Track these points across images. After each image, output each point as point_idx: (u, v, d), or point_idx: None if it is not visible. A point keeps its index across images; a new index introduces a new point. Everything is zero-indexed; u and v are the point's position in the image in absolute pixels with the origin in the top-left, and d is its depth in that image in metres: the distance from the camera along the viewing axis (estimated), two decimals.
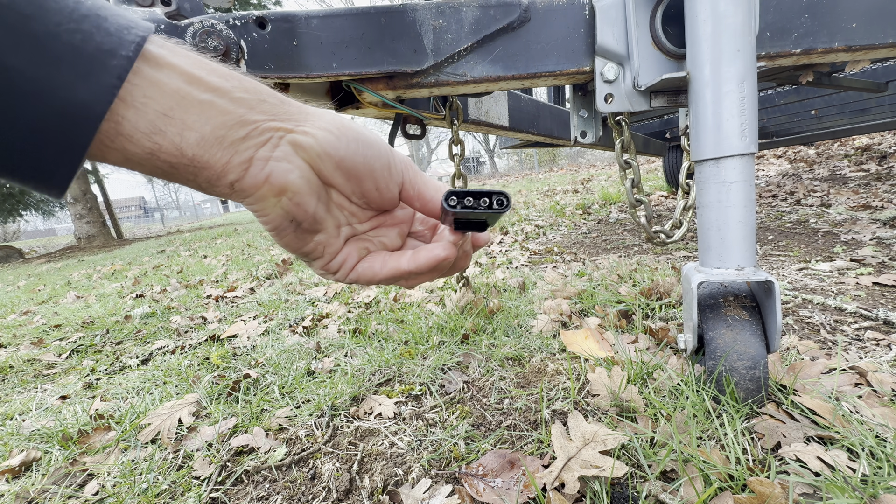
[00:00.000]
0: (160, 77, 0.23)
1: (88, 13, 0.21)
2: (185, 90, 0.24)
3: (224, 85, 0.25)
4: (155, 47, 0.23)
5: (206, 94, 0.24)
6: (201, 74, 0.24)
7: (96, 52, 0.21)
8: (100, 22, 0.21)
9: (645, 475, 0.50)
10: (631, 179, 0.82)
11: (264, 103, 0.26)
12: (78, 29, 0.21)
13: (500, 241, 2.32)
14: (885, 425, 0.52)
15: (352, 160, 0.28)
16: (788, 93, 2.14)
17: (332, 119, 0.28)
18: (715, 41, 0.54)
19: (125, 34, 0.22)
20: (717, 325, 0.60)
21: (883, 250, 1.24)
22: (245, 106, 0.26)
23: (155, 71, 0.23)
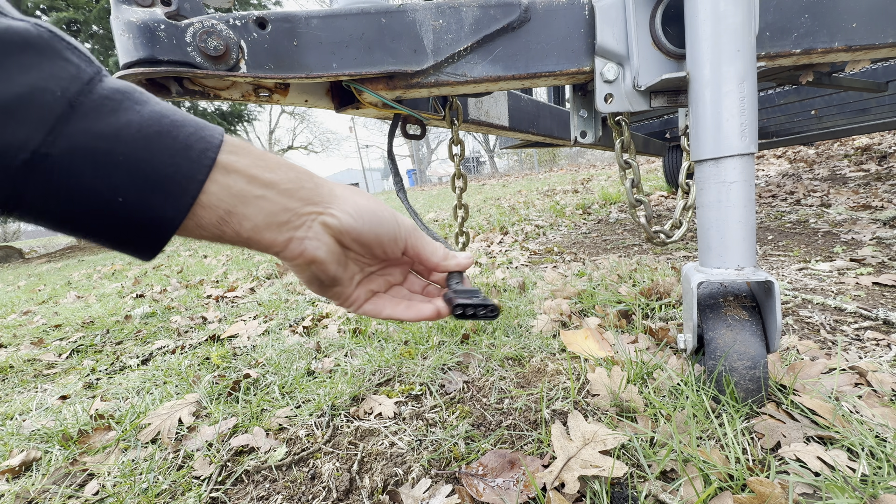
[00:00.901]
0: (229, 182, 0.30)
1: (179, 147, 0.28)
2: (246, 190, 0.31)
3: (274, 178, 0.32)
4: (226, 156, 0.30)
5: (260, 191, 0.31)
6: (258, 173, 0.31)
7: (182, 179, 0.28)
8: (187, 152, 0.28)
9: (645, 475, 0.50)
10: (631, 179, 0.82)
11: (302, 189, 0.34)
12: (172, 163, 0.28)
13: (500, 241, 2.32)
14: (884, 425, 0.52)
15: (366, 235, 0.36)
16: (788, 93, 2.14)
17: (353, 202, 0.36)
18: (715, 41, 0.54)
19: (203, 159, 0.29)
20: (716, 325, 0.60)
21: (883, 250, 1.24)
22: (288, 195, 0.33)
23: (224, 177, 0.30)
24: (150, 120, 0.28)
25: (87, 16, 7.00)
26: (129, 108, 0.27)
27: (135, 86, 0.29)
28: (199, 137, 0.29)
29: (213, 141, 0.30)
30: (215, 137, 0.30)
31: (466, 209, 0.94)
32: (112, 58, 7.02)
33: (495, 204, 4.44)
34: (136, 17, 0.51)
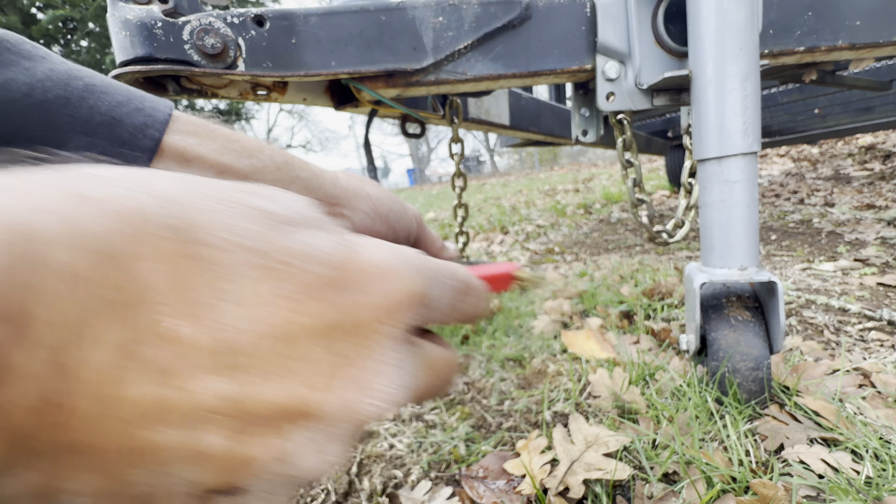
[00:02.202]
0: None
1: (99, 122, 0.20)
2: None
3: (256, 166, 0.23)
4: (178, 137, 0.21)
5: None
6: (230, 161, 0.23)
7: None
8: (113, 129, 0.20)
9: (647, 477, 0.50)
10: (633, 178, 0.81)
11: (298, 181, 0.25)
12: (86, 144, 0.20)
13: (500, 241, 2.32)
14: (889, 427, 0.52)
15: (383, 237, 0.28)
16: (792, 91, 2.13)
17: (366, 196, 0.27)
18: (718, 39, 0.54)
19: (139, 138, 0.20)
20: (719, 326, 0.59)
21: (887, 250, 1.23)
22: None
23: (181, 167, 0.21)
24: (48, 81, 0.19)
25: (83, 13, 7.02)
26: (12, 63, 0.19)
27: (26, 39, 0.21)
28: (132, 109, 0.21)
29: (154, 115, 0.21)
30: (159, 111, 0.22)
31: (466, 209, 0.93)
32: (108, 56, 7.03)
33: (496, 203, 4.43)
34: (132, 15, 0.50)
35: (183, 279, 0.12)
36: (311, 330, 0.14)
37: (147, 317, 0.12)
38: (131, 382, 0.12)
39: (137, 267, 0.12)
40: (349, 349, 0.15)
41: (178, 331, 0.12)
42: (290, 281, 0.14)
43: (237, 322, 0.13)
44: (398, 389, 0.16)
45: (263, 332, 0.13)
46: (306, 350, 0.14)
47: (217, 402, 0.13)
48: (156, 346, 0.12)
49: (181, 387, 0.12)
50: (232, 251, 0.13)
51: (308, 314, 0.14)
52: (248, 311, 0.13)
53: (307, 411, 0.14)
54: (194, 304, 0.12)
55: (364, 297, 0.15)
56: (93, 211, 0.12)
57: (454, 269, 0.21)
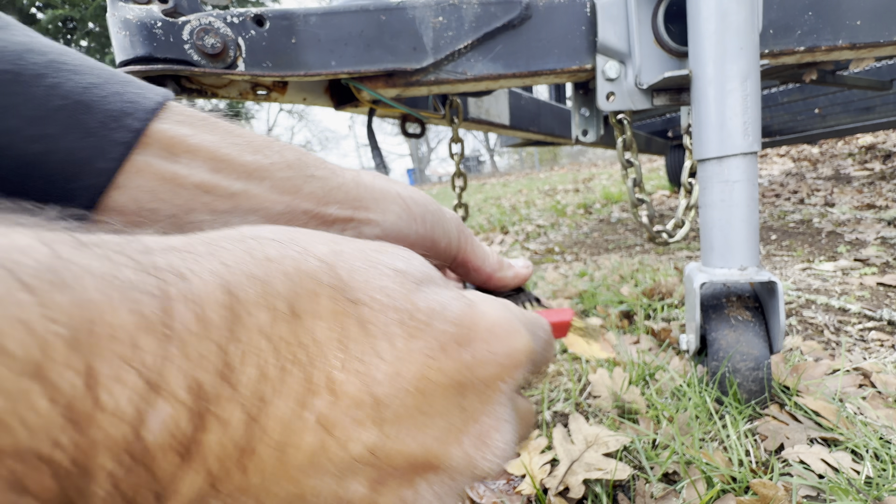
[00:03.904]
0: (176, 170, 0.18)
1: (59, 106, 0.17)
2: (211, 182, 0.18)
3: (262, 162, 0.20)
4: (168, 125, 0.18)
5: (239, 183, 0.19)
6: (232, 154, 0.19)
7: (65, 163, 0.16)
8: (79, 115, 0.17)
9: (647, 477, 0.50)
10: (633, 178, 0.81)
11: (313, 180, 0.21)
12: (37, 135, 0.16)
13: (500, 240, 2.32)
14: (889, 427, 0.52)
15: (420, 244, 0.24)
16: (792, 91, 2.13)
17: (396, 197, 0.23)
18: (718, 39, 0.54)
19: (113, 128, 0.17)
20: (719, 326, 0.59)
21: (887, 250, 1.23)
22: (290, 191, 0.20)
23: (168, 162, 0.18)
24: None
25: (83, 13, 7.01)
26: None
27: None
28: (108, 93, 0.17)
29: (138, 101, 0.18)
30: (146, 98, 0.18)
31: (466, 209, 0.93)
32: (108, 56, 7.03)
33: (496, 203, 4.43)
34: (132, 15, 0.50)
35: (346, 337, 0.13)
36: (445, 386, 0.15)
37: (320, 372, 0.13)
38: (304, 432, 0.12)
39: (314, 325, 0.13)
40: (476, 405, 0.16)
41: (344, 385, 0.13)
42: (428, 338, 0.15)
43: (387, 378, 0.14)
44: (511, 444, 0.17)
45: (407, 387, 0.14)
46: (440, 405, 0.15)
47: (366, 452, 0.13)
48: (326, 398, 0.13)
49: (340, 438, 0.13)
50: (383, 310, 0.14)
51: (443, 371, 0.15)
52: (396, 367, 0.14)
53: (437, 464, 0.15)
54: (354, 360, 0.13)
55: (491, 355, 0.16)
56: (279, 274, 0.13)
57: (542, 321, 0.20)
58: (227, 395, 0.11)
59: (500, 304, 0.17)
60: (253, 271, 0.12)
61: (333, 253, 0.14)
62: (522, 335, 0.17)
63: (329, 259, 0.14)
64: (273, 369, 0.12)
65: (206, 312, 0.11)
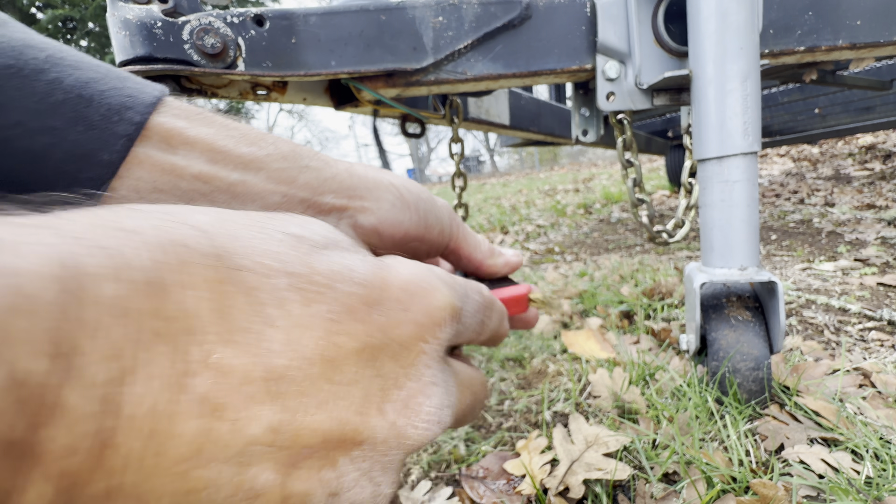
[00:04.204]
0: (175, 161, 0.18)
1: (58, 101, 0.17)
2: (210, 173, 0.19)
3: (258, 154, 0.20)
4: (167, 119, 0.19)
5: (237, 174, 0.20)
6: (229, 146, 0.20)
7: (84, 155, 0.16)
8: (80, 109, 0.17)
9: (647, 477, 0.50)
10: (633, 178, 0.81)
11: (307, 171, 0.21)
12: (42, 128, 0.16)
13: (500, 240, 2.32)
14: (889, 427, 0.52)
15: (413, 233, 0.24)
16: (792, 91, 2.13)
17: (389, 188, 0.24)
18: (718, 38, 0.54)
19: (114, 122, 0.17)
20: (719, 326, 0.59)
21: (887, 250, 1.23)
22: (286, 181, 0.21)
23: (167, 154, 0.18)
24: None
25: (83, 13, 7.02)
26: None
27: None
28: (107, 88, 0.18)
29: (137, 96, 0.18)
30: (144, 92, 0.19)
31: (466, 208, 0.93)
32: (108, 56, 7.03)
33: (496, 203, 4.43)
34: (132, 15, 0.50)
35: (228, 307, 0.12)
36: (356, 352, 0.14)
37: (196, 347, 0.11)
38: (183, 417, 0.11)
39: (183, 296, 0.11)
40: (395, 370, 0.15)
41: (228, 360, 0.12)
42: (330, 302, 0.14)
43: (283, 347, 0.12)
44: (444, 410, 0.16)
45: (309, 356, 0.13)
46: (353, 373, 0.14)
47: (268, 432, 0.12)
48: (206, 377, 0.11)
49: (232, 419, 0.12)
50: (272, 276, 0.13)
51: (352, 335, 0.14)
52: (293, 335, 0.13)
53: (358, 438, 0.14)
54: (240, 331, 0.12)
55: (405, 314, 0.15)
56: (137, 244, 0.11)
57: (479, 287, 0.20)
58: (67, 382, 0.09)
59: (417, 264, 0.16)
60: (102, 242, 0.11)
61: (215, 221, 0.13)
62: (442, 290, 0.16)
63: (208, 227, 0.13)
64: (130, 348, 0.10)
65: (31, 288, 0.09)
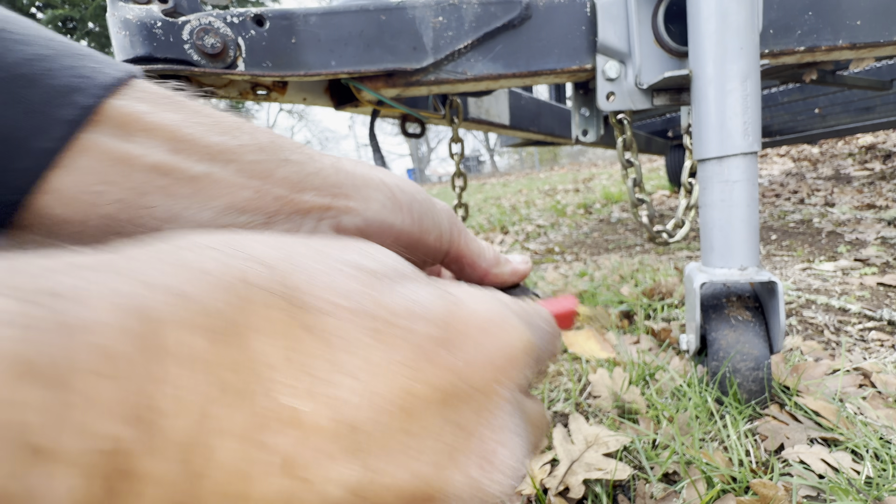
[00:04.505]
0: (128, 150, 0.16)
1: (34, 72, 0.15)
2: (169, 163, 0.16)
3: (229, 144, 0.18)
4: (125, 103, 0.16)
5: (201, 165, 0.17)
6: (196, 134, 0.17)
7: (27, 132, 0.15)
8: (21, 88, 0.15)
9: (647, 477, 0.50)
10: (633, 178, 0.81)
11: (287, 164, 0.19)
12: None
13: (500, 240, 2.32)
14: (889, 427, 0.52)
15: (407, 237, 0.22)
16: (792, 91, 2.12)
17: (380, 185, 0.21)
18: (718, 38, 0.54)
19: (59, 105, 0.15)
20: (720, 326, 0.59)
21: (887, 250, 1.23)
22: (260, 175, 0.18)
23: (120, 141, 0.16)
24: None
25: (83, 13, 7.02)
26: None
27: None
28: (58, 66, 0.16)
29: (92, 77, 0.16)
30: (102, 73, 0.16)
31: (466, 208, 0.93)
32: (108, 55, 7.05)
33: (496, 203, 4.43)
34: (132, 15, 0.50)
35: (297, 351, 0.11)
36: (429, 399, 0.13)
37: (267, 398, 0.10)
38: (258, 477, 0.10)
39: (251, 342, 0.11)
40: (472, 418, 0.14)
41: (299, 411, 0.11)
42: (406, 346, 0.12)
43: (359, 399, 0.11)
44: (522, 459, 0.14)
45: (386, 407, 0.12)
46: (430, 423, 0.13)
47: (346, 493, 0.11)
48: (278, 431, 0.10)
49: (307, 478, 0.11)
50: (342, 317, 0.12)
51: (428, 382, 0.12)
52: (370, 384, 0.12)
53: (434, 495, 0.13)
54: (311, 379, 0.11)
55: (479, 355, 0.14)
56: (207, 286, 0.10)
57: (542, 312, 0.18)
58: (150, 445, 0.09)
59: (489, 296, 0.15)
60: (181, 287, 0.10)
61: (282, 255, 0.12)
62: (518, 329, 0.15)
63: (277, 263, 0.12)
64: (209, 406, 0.10)
65: (111, 344, 0.09)
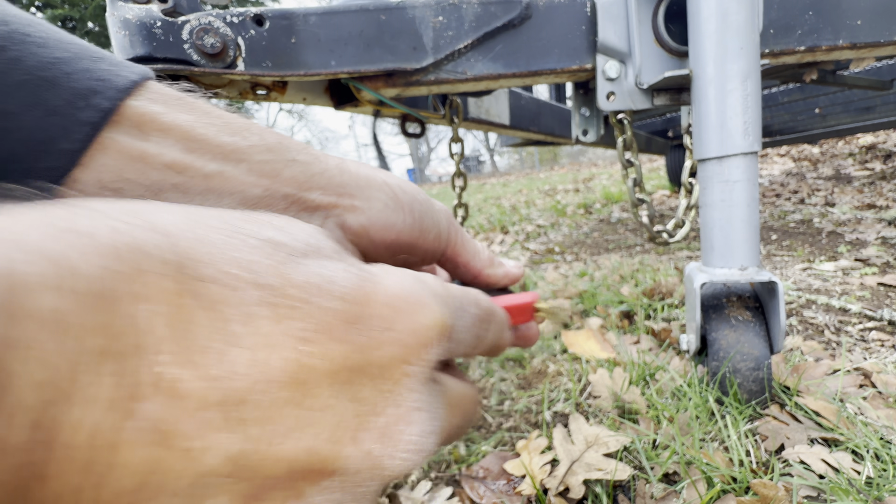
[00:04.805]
0: (145, 148, 0.17)
1: (22, 80, 0.15)
2: (184, 162, 0.17)
3: (240, 144, 0.19)
4: (141, 103, 0.17)
5: (214, 164, 0.18)
6: (209, 134, 0.18)
7: (49, 138, 0.15)
8: (40, 91, 0.15)
9: (647, 477, 0.50)
10: (633, 178, 0.81)
11: (294, 164, 0.20)
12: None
13: (500, 240, 2.32)
14: (889, 427, 0.52)
15: (406, 237, 0.22)
16: (792, 91, 2.12)
17: (383, 186, 0.22)
18: (718, 38, 0.54)
19: (80, 107, 0.15)
20: (720, 326, 0.59)
21: (888, 250, 1.23)
22: (269, 174, 0.19)
23: (137, 140, 0.17)
24: None
25: (82, 13, 7.03)
26: None
27: None
28: (77, 69, 0.16)
29: (110, 79, 0.17)
30: (119, 75, 0.17)
31: (466, 208, 0.93)
32: None
33: (496, 203, 4.43)
34: (132, 15, 0.50)
35: (185, 322, 0.11)
36: (330, 374, 0.12)
37: (145, 368, 0.10)
38: (128, 446, 0.10)
39: (134, 310, 0.10)
40: (374, 395, 0.13)
41: (181, 382, 0.10)
42: (304, 319, 0.12)
43: (247, 369, 0.11)
44: (428, 437, 0.14)
45: (277, 379, 0.12)
46: (326, 398, 0.12)
47: (226, 463, 0.11)
48: (155, 401, 0.10)
49: (185, 448, 0.10)
50: (240, 288, 0.12)
51: (326, 356, 0.12)
52: (259, 355, 0.11)
53: (329, 468, 0.13)
54: (198, 350, 0.11)
55: (388, 333, 0.14)
56: (85, 248, 0.10)
57: (478, 297, 0.19)
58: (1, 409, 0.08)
59: (408, 275, 0.15)
60: (47, 246, 0.10)
61: (183, 222, 0.12)
62: (432, 307, 0.15)
63: (173, 230, 0.12)
64: (68, 369, 0.09)
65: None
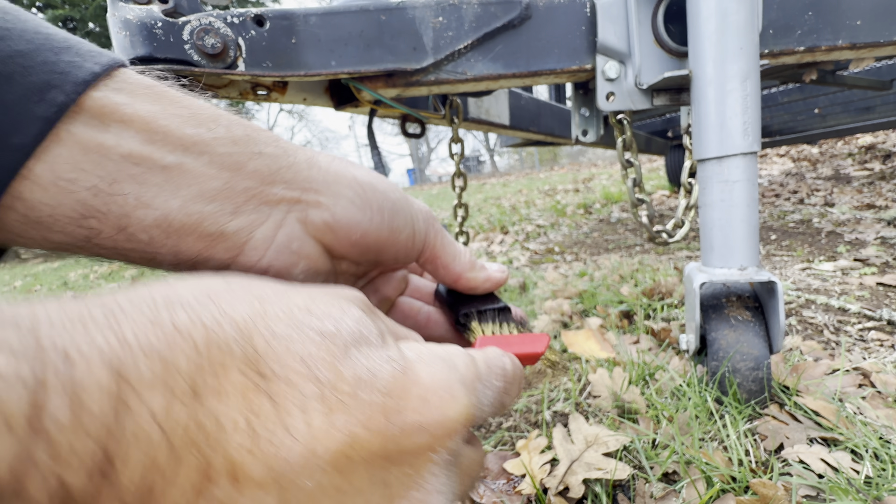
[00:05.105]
0: (102, 140, 0.17)
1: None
2: (142, 153, 0.17)
3: (204, 136, 0.18)
4: (104, 94, 0.17)
5: (173, 156, 0.18)
6: (171, 125, 0.18)
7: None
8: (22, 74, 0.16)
9: (647, 477, 0.50)
10: (633, 178, 0.81)
11: (259, 157, 0.19)
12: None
13: (500, 240, 2.32)
14: (889, 427, 0.52)
15: (374, 235, 0.22)
16: (792, 91, 2.13)
17: (352, 181, 0.22)
18: (718, 39, 0.54)
19: (32, 103, 0.15)
20: (719, 326, 0.59)
21: (887, 250, 1.23)
22: (231, 167, 0.19)
23: (95, 132, 0.17)
24: None
25: (83, 13, 7.03)
26: None
27: None
28: (36, 63, 0.16)
29: (71, 72, 0.16)
30: (81, 67, 0.17)
31: (466, 208, 0.93)
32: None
33: (496, 203, 4.43)
34: (132, 15, 0.50)
35: (254, 414, 0.12)
36: (367, 462, 0.14)
37: (220, 455, 0.12)
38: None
39: (217, 405, 0.12)
40: (401, 479, 0.15)
41: (246, 469, 0.12)
42: (350, 413, 0.13)
43: (299, 458, 0.13)
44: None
45: (323, 466, 0.13)
46: (360, 483, 0.14)
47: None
48: (225, 485, 0.12)
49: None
50: (300, 384, 0.13)
51: (365, 447, 0.14)
52: (311, 445, 0.13)
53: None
54: (262, 440, 0.12)
55: (420, 425, 0.15)
56: (185, 348, 0.12)
57: (504, 366, 0.19)
58: (106, 493, 0.10)
59: (440, 364, 0.16)
60: (154, 346, 0.11)
61: (254, 317, 0.14)
62: (460, 400, 0.16)
63: (246, 325, 0.13)
64: (164, 458, 0.11)
65: (86, 402, 0.10)
